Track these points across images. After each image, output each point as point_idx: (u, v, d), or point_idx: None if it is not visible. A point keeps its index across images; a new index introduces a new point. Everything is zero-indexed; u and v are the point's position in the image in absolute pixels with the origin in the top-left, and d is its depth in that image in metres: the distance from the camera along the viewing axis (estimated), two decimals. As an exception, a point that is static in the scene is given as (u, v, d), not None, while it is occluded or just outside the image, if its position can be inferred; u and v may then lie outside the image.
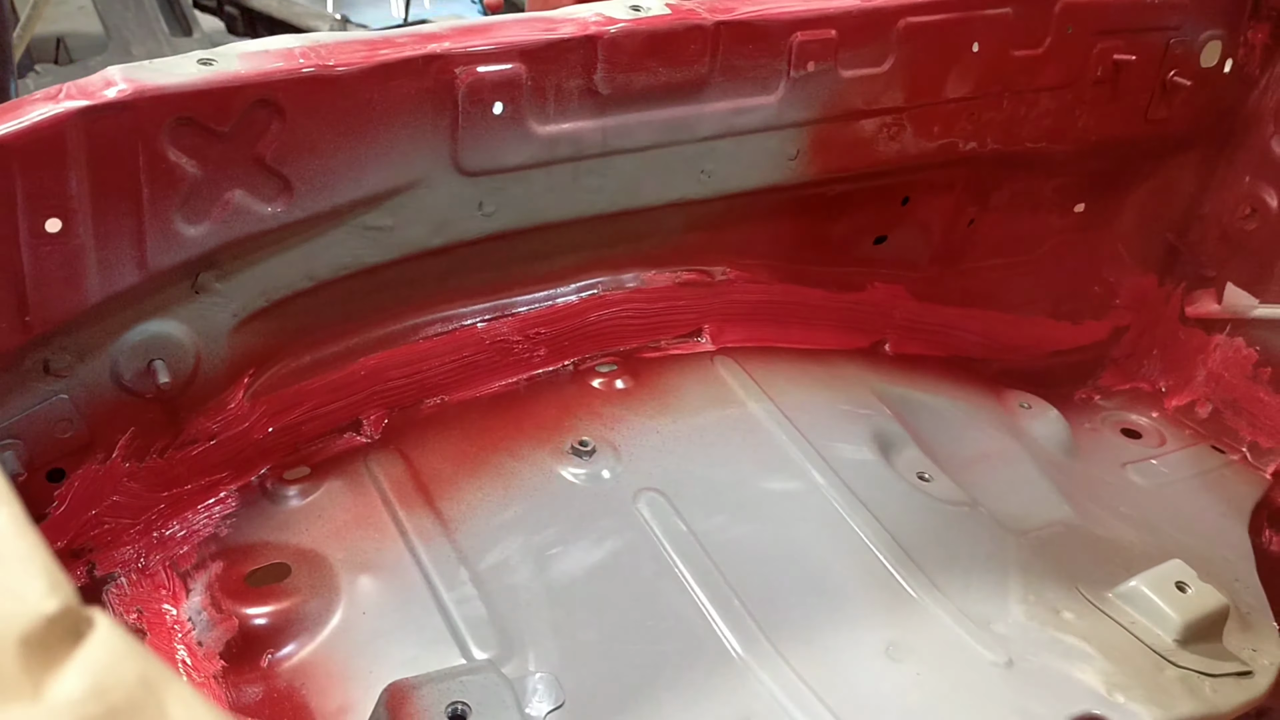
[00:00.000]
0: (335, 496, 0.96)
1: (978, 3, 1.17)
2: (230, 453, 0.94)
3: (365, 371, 1.02)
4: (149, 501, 0.90)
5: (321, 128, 0.85)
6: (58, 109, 0.74)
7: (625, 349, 1.16)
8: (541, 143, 0.99)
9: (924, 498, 1.10)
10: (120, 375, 0.85)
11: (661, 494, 1.01)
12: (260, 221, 0.86)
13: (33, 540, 0.32)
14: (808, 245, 1.25)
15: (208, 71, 0.79)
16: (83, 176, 0.76)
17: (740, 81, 1.07)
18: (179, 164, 0.80)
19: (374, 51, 0.87)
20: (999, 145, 1.28)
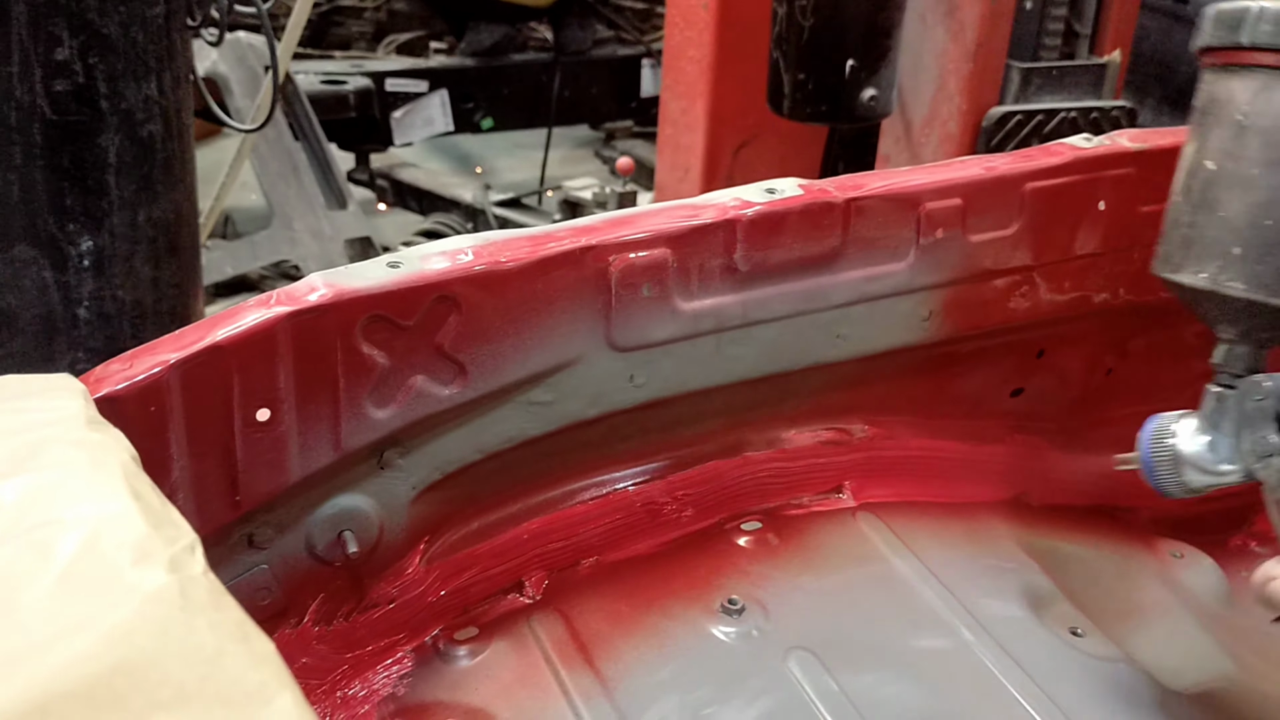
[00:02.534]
0: (501, 656, 1.01)
1: (1100, 165, 1.22)
2: (407, 615, 1.01)
3: (527, 535, 1.08)
4: (335, 663, 0.98)
5: (492, 317, 0.94)
6: (269, 314, 0.85)
7: (769, 507, 1.21)
8: (686, 318, 1.06)
9: (1077, 654, 1.09)
10: (314, 546, 0.94)
11: (811, 652, 1.03)
12: (438, 403, 0.94)
13: (311, 725, 0.38)
14: (944, 400, 1.29)
15: (395, 273, 0.89)
16: (289, 371, 0.86)
17: (872, 251, 1.13)
18: (371, 356, 0.89)
19: (537, 247, 0.96)
20: (1132, 296, 1.30)
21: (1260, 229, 0.88)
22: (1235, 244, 0.89)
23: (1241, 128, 0.90)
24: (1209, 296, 0.92)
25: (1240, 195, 0.89)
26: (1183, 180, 0.96)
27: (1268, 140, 0.89)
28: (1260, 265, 0.88)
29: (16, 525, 0.47)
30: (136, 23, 1.48)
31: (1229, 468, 0.93)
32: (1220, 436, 0.93)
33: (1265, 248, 0.88)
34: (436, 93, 3.63)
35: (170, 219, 1.60)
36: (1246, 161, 0.90)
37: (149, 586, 0.43)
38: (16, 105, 1.41)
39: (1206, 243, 0.92)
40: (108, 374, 0.79)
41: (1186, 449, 0.95)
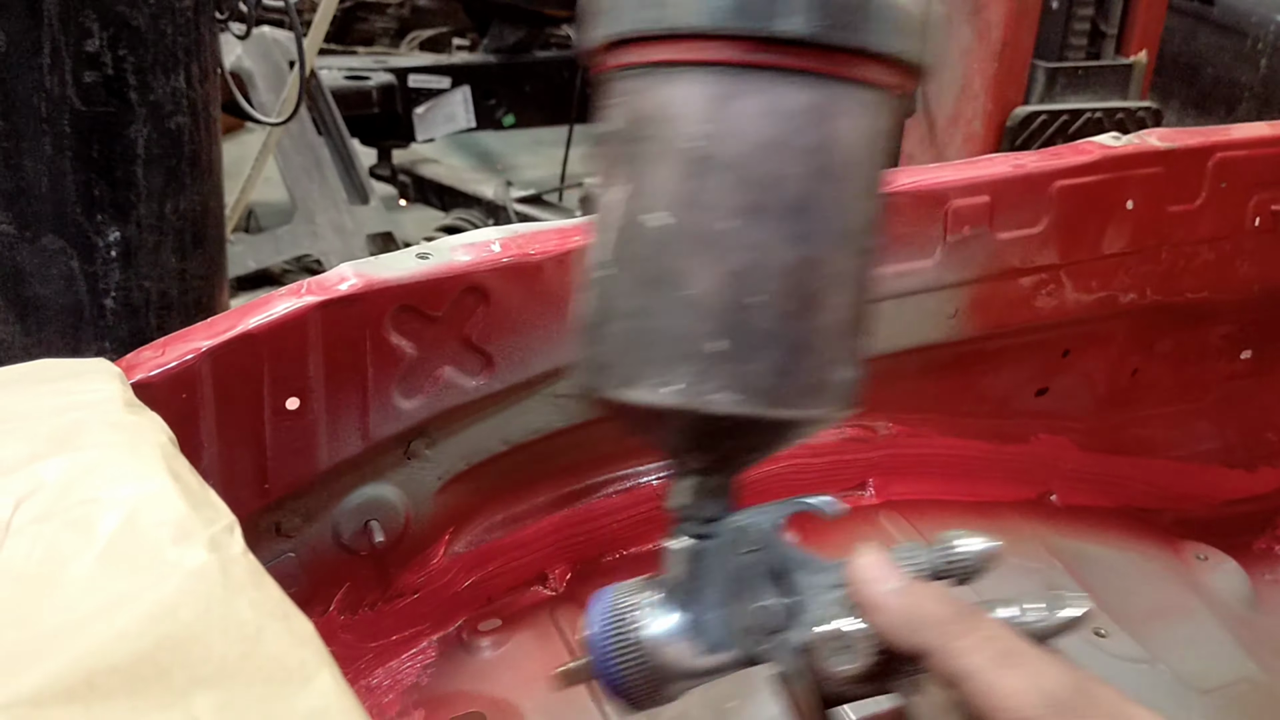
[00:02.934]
0: (525, 647, 1.02)
1: (1129, 164, 1.21)
2: (431, 605, 1.02)
3: (551, 528, 1.09)
4: (359, 652, 0.98)
5: (520, 309, 0.95)
6: (300, 303, 0.85)
7: (793, 503, 1.20)
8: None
9: (1101, 655, 1.09)
10: (340, 535, 0.95)
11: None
12: (465, 394, 0.95)
13: (352, 702, 0.38)
14: (969, 399, 1.28)
15: (425, 265, 0.90)
16: (319, 360, 0.86)
17: (899, 248, 1.13)
18: (399, 346, 0.90)
19: (565, 239, 0.97)
20: (1159, 296, 1.30)
21: (747, 310, 0.55)
22: (716, 336, 0.55)
23: (700, 160, 0.55)
24: (677, 418, 0.56)
25: (714, 263, 0.55)
26: (614, 245, 0.58)
27: (741, 176, 0.55)
28: (753, 363, 0.55)
29: (58, 504, 0.48)
30: (166, 15, 1.49)
31: (723, 656, 0.60)
32: (704, 611, 0.60)
33: (757, 337, 0.55)
34: (459, 89, 3.64)
35: (197, 211, 1.61)
36: (715, 211, 0.55)
37: (190, 564, 0.43)
38: (47, 96, 1.43)
39: (671, 339, 0.56)
40: (140, 360, 0.79)
41: (659, 635, 0.60)
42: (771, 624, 0.59)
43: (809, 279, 0.56)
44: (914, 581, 0.56)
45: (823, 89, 0.55)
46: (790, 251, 0.55)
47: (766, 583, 0.60)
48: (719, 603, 0.60)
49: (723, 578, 0.60)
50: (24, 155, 1.45)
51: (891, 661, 0.55)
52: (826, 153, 0.55)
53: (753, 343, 0.55)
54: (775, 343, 0.56)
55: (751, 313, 0.55)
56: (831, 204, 0.56)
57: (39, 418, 0.55)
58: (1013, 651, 0.51)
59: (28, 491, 0.48)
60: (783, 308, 0.55)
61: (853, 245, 0.57)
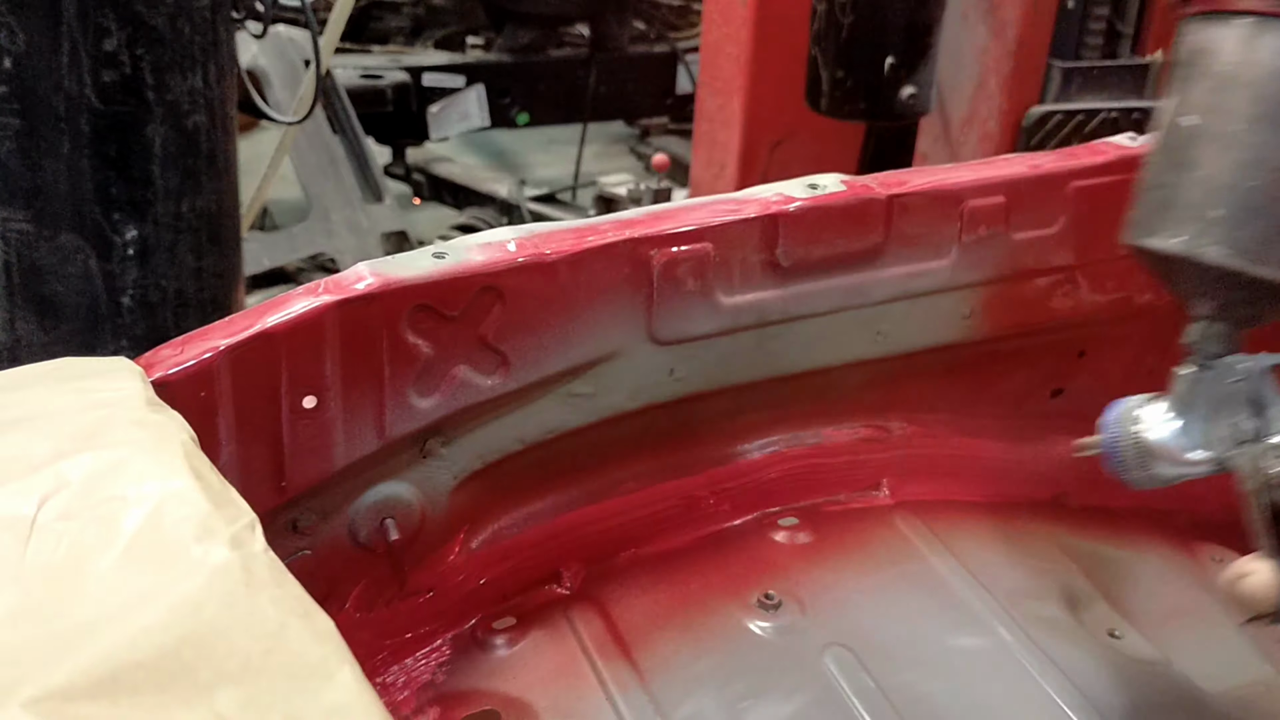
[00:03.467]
0: (539, 646, 1.02)
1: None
2: (446, 604, 1.02)
3: (566, 527, 1.09)
4: (375, 649, 0.99)
5: (535, 308, 0.95)
6: (318, 302, 0.86)
7: (807, 503, 1.20)
8: (727, 312, 1.06)
9: (1116, 656, 1.08)
10: (356, 533, 0.95)
11: (848, 649, 1.03)
12: (480, 393, 0.95)
13: (372, 698, 0.39)
14: (984, 399, 1.28)
15: (441, 264, 0.90)
16: (335, 359, 0.87)
17: (914, 248, 1.13)
18: (416, 345, 0.90)
19: (581, 239, 0.97)
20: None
21: (1244, 190, 0.77)
22: (1216, 205, 0.78)
23: (1226, 80, 0.79)
24: (1184, 264, 0.81)
25: (1223, 153, 0.78)
26: (1161, 138, 0.84)
27: (1255, 94, 0.78)
28: (1242, 230, 0.77)
29: (82, 501, 0.48)
30: (183, 15, 1.50)
31: (1201, 455, 0.82)
32: (1192, 422, 0.82)
33: (1248, 210, 0.77)
34: (473, 88, 3.65)
35: (213, 209, 1.62)
36: (1231, 116, 0.79)
37: (213, 561, 0.44)
38: (65, 95, 1.44)
39: (1184, 204, 0.80)
40: (159, 358, 0.80)
41: (1155, 436, 0.84)
42: (1241, 437, 0.80)
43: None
44: None
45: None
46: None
47: (1244, 408, 0.80)
48: (1205, 418, 0.82)
49: (1212, 399, 0.81)
50: (42, 154, 1.46)
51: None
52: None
53: (1246, 215, 0.77)
54: (1264, 217, 0.76)
55: (1248, 193, 0.77)
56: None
57: (63, 416, 0.56)
58: None
59: (52, 489, 0.49)
60: (1274, 193, 0.76)
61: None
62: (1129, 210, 0.86)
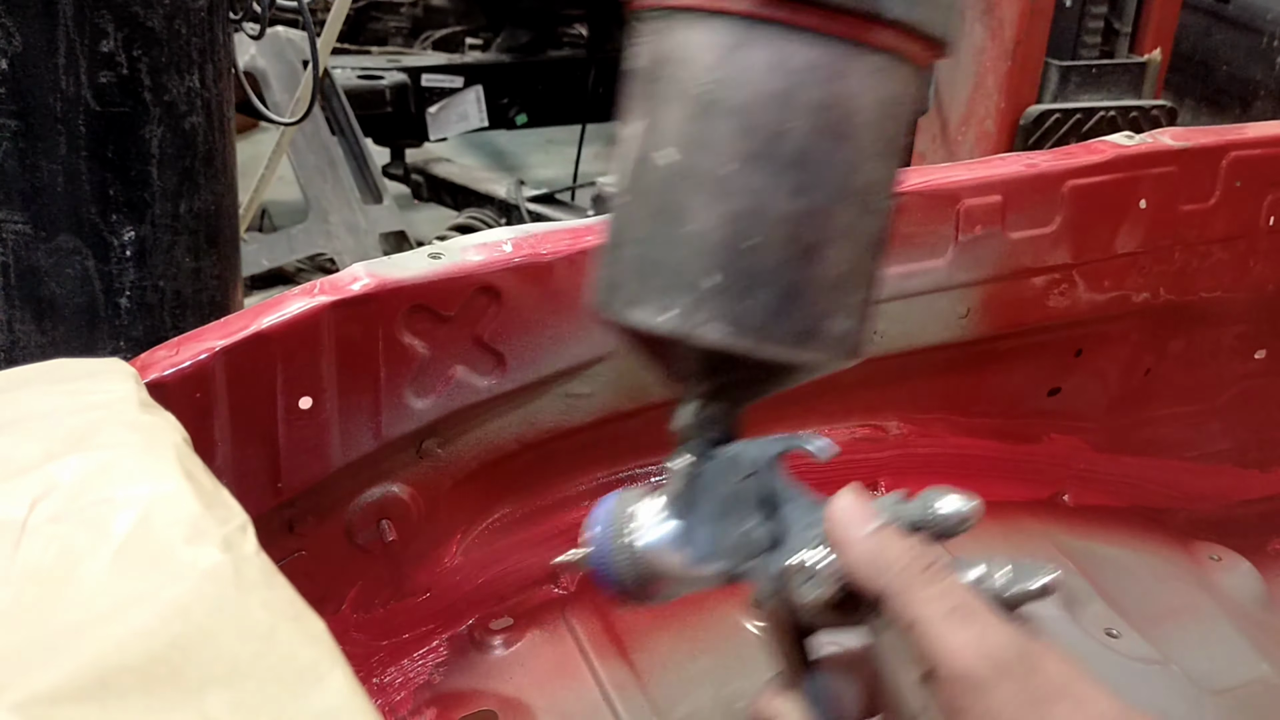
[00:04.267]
0: (536, 646, 1.02)
1: (1142, 163, 1.21)
2: (443, 604, 1.02)
3: (563, 526, 1.09)
4: (372, 650, 0.99)
5: (532, 308, 0.95)
6: (313, 303, 0.86)
7: (804, 503, 1.20)
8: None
9: (1112, 655, 1.08)
10: (353, 534, 0.95)
11: (842, 647, 1.03)
12: (477, 393, 0.95)
13: (364, 701, 0.39)
14: (980, 399, 1.28)
15: (437, 265, 0.90)
16: (331, 360, 0.87)
17: (910, 248, 1.13)
18: (411, 346, 0.90)
19: (577, 239, 0.97)
20: (1173, 296, 1.29)
21: (742, 250, 0.57)
22: (711, 271, 0.58)
23: (707, 105, 0.57)
24: (676, 344, 0.59)
25: (713, 202, 0.58)
26: (630, 175, 0.61)
27: (745, 124, 0.57)
28: (745, 301, 0.58)
29: (73, 504, 0.48)
30: (180, 15, 1.50)
31: (708, 569, 0.64)
32: (695, 525, 0.64)
33: (750, 276, 0.57)
34: (472, 89, 3.65)
35: (211, 210, 1.62)
36: (718, 154, 0.57)
37: (204, 564, 0.44)
38: (62, 97, 1.43)
39: (671, 269, 0.59)
40: (155, 360, 0.80)
41: (652, 543, 0.64)
42: (754, 548, 0.63)
43: (807, 229, 0.58)
44: (887, 528, 0.58)
45: (832, 49, 0.56)
46: (789, 201, 0.57)
47: (755, 509, 0.64)
48: (710, 520, 0.64)
49: (716, 499, 0.64)
50: (39, 155, 1.46)
51: (860, 599, 0.58)
52: (831, 111, 0.57)
53: (747, 282, 0.58)
54: (769, 284, 0.58)
55: (747, 254, 0.58)
56: (835, 161, 0.57)
57: (55, 417, 0.56)
58: (965, 609, 0.53)
59: (44, 491, 0.49)
60: (778, 253, 0.58)
61: (857, 203, 0.59)
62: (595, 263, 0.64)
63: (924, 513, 0.61)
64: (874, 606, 0.57)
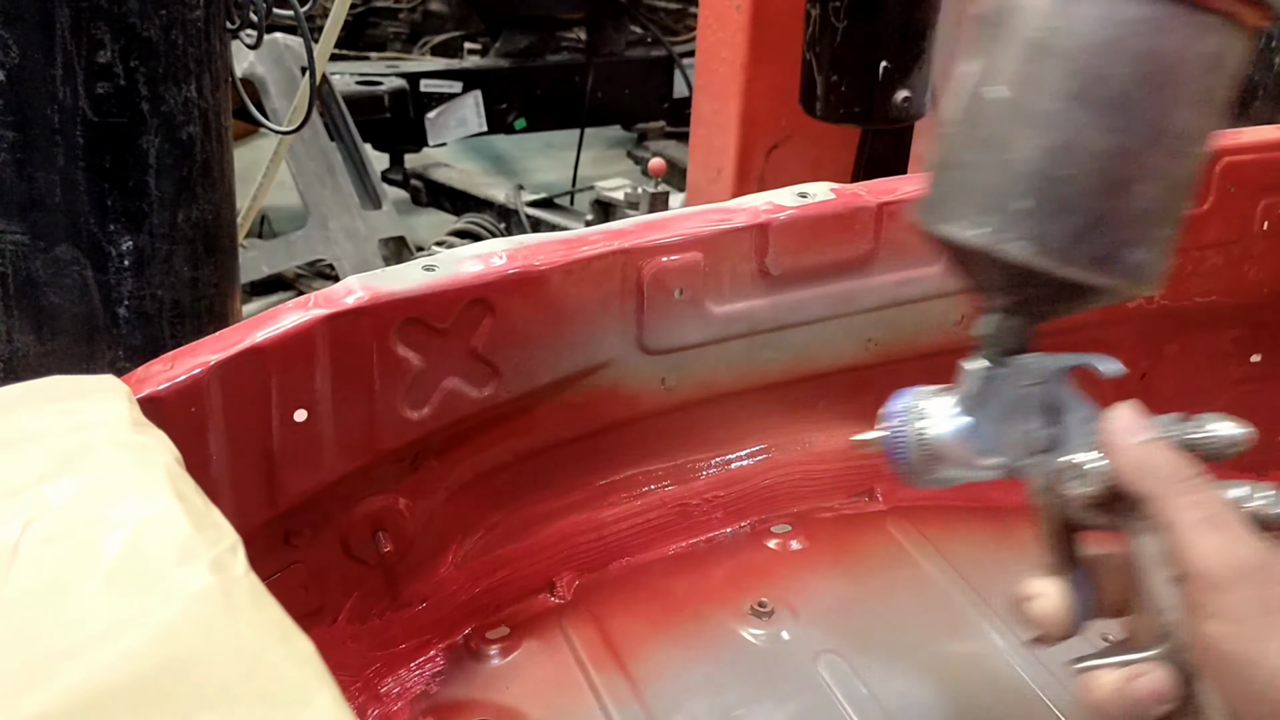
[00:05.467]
0: (533, 655, 1.03)
1: (1136, 169, 1.21)
2: (439, 614, 1.03)
3: (559, 536, 1.09)
4: (368, 661, 0.99)
5: (526, 320, 0.95)
6: (307, 316, 0.86)
7: (800, 510, 1.21)
8: (718, 321, 1.07)
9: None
10: (349, 545, 0.95)
11: (841, 656, 1.04)
12: (472, 404, 0.95)
13: (350, 725, 0.39)
14: (976, 405, 1.28)
15: (431, 277, 0.91)
16: (326, 373, 0.87)
17: (904, 255, 1.13)
18: (406, 358, 0.91)
19: (571, 250, 0.97)
20: (1167, 301, 1.29)
21: (1054, 180, 0.66)
22: (1023, 196, 0.66)
23: (1039, 49, 0.66)
24: (985, 258, 0.69)
25: (1034, 135, 0.66)
26: (963, 107, 0.70)
27: (1071, 68, 0.65)
28: (1051, 225, 0.66)
29: (65, 525, 0.49)
30: (177, 26, 1.51)
31: (990, 461, 0.73)
32: (982, 422, 0.73)
33: (1059, 203, 0.66)
34: (470, 94, 3.65)
35: (209, 219, 1.62)
36: (1044, 92, 0.66)
37: (193, 586, 0.44)
38: (59, 108, 1.44)
39: (987, 190, 0.68)
40: (150, 375, 0.80)
41: (941, 433, 0.74)
42: (1034, 447, 0.72)
43: (1117, 166, 0.65)
44: (1157, 440, 0.65)
45: (1160, 6, 0.63)
46: (1104, 139, 0.64)
47: (1038, 413, 0.73)
48: (996, 419, 0.73)
49: (1004, 401, 0.73)
50: (37, 166, 1.46)
51: (1123, 502, 0.65)
52: (1154, 62, 0.64)
53: (1055, 207, 0.66)
54: (1075, 212, 0.66)
55: (1059, 183, 0.66)
56: (1152, 106, 0.64)
57: (48, 438, 0.56)
58: (1218, 518, 0.59)
59: (36, 513, 0.49)
60: (1088, 185, 0.65)
61: (1168, 147, 0.65)
62: (925, 183, 0.73)
63: (1196, 433, 0.69)
64: (1135, 509, 0.63)
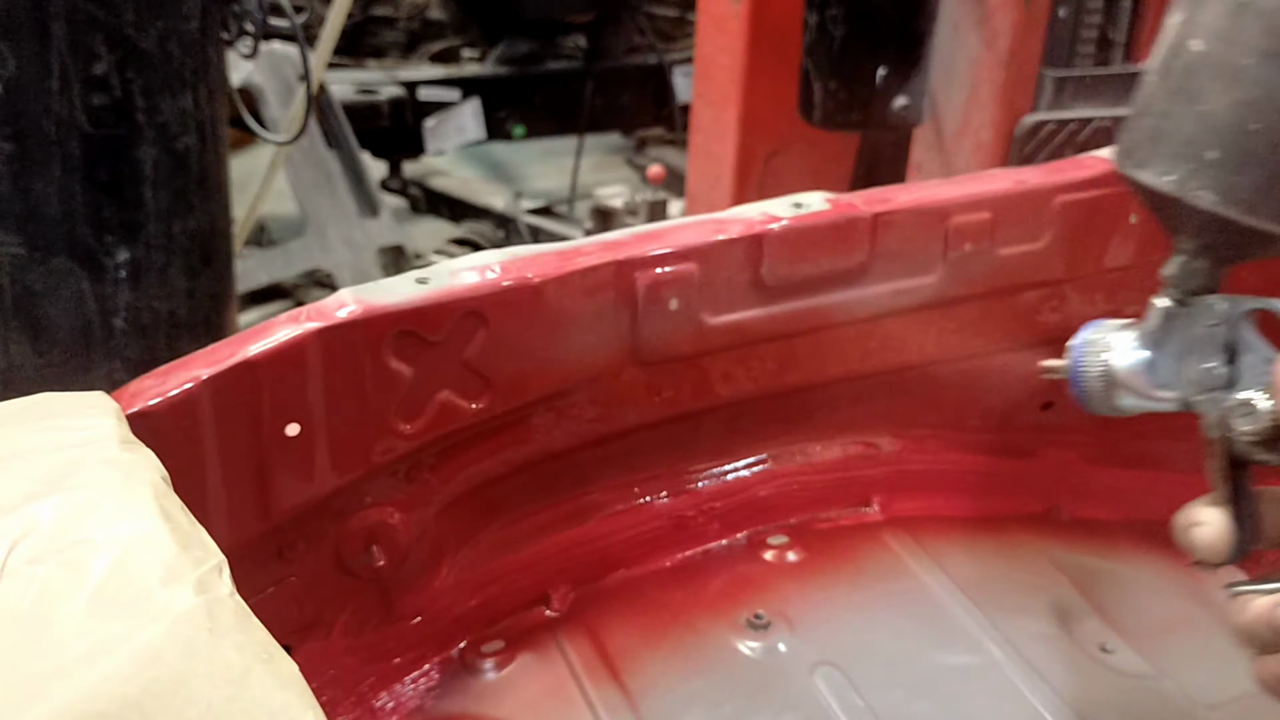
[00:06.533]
0: (528, 669, 1.02)
1: (1132, 177, 1.21)
2: (434, 628, 1.02)
3: (554, 549, 1.09)
4: (362, 675, 0.99)
5: (520, 332, 0.95)
6: (300, 329, 0.86)
7: (796, 521, 1.20)
8: (713, 332, 1.06)
9: (1107, 671, 1.08)
10: (343, 559, 0.95)
11: (837, 668, 1.03)
12: (465, 417, 0.95)
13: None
14: (973, 414, 1.28)
15: (424, 289, 0.90)
16: (318, 386, 0.87)
17: (899, 264, 1.13)
18: (399, 370, 0.90)
19: (565, 261, 0.97)
20: (1165, 308, 1.29)
21: (1245, 133, 0.69)
22: (1213, 146, 0.70)
23: (1240, 4, 0.69)
24: (1173, 203, 0.74)
25: (1228, 88, 0.69)
26: (1162, 58, 0.75)
27: (1269, 25, 0.68)
28: (1239, 176, 0.69)
29: (52, 545, 0.48)
30: (172, 37, 1.51)
31: (1166, 394, 0.79)
32: (1162, 357, 0.79)
33: (1247, 155, 0.69)
34: (469, 101, 3.65)
35: (205, 230, 1.62)
36: (1241, 47, 0.69)
37: (178, 607, 0.44)
38: (55, 119, 1.44)
39: (1179, 139, 0.72)
40: (142, 389, 0.80)
41: (1122, 365, 0.80)
42: (1211, 384, 0.76)
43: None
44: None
45: None
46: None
47: (1218, 352, 0.76)
48: (1176, 355, 0.78)
49: (1186, 338, 0.77)
50: (33, 178, 1.46)
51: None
52: None
53: (1242, 159, 0.69)
54: (1262, 165, 0.69)
55: (1248, 136, 0.69)
56: None
57: (36, 456, 0.56)
58: None
59: (23, 532, 0.49)
60: (1277, 139, 0.68)
61: None
62: (1122, 130, 0.79)
63: None
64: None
